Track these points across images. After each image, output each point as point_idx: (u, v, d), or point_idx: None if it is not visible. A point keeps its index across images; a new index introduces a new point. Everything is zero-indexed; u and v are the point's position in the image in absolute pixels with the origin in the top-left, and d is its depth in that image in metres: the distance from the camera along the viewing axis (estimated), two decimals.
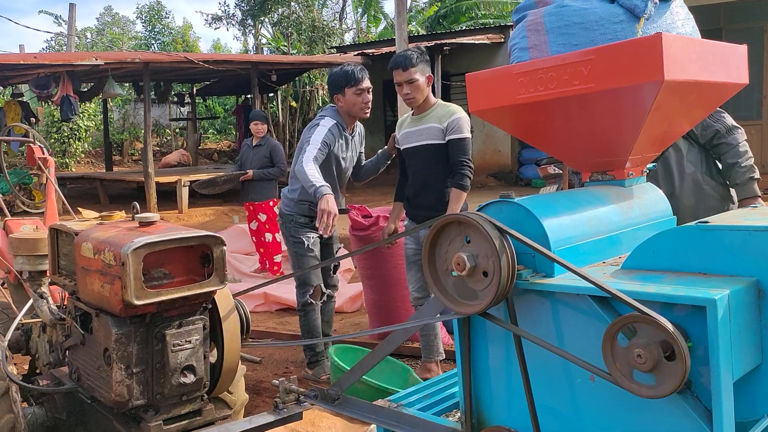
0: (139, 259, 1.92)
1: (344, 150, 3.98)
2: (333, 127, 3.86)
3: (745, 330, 1.32)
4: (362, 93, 3.85)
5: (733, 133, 2.87)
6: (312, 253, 3.98)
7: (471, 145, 3.63)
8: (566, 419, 1.55)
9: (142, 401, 2.07)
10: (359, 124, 4.18)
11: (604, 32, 1.83)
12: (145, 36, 27.61)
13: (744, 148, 2.84)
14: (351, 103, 3.86)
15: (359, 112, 3.89)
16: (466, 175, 3.55)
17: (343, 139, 3.95)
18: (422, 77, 3.56)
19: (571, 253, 1.59)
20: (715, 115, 2.88)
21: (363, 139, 4.23)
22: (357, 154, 4.17)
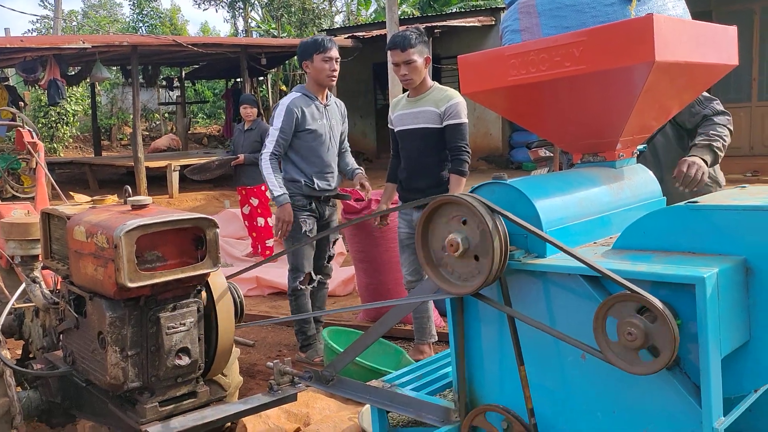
0: (132, 241, 1.92)
1: (317, 118, 3.93)
2: (293, 102, 3.88)
3: (733, 308, 1.35)
4: (330, 61, 3.87)
5: (720, 116, 2.87)
6: (307, 236, 3.96)
7: (467, 131, 3.63)
8: (558, 397, 1.57)
9: (137, 384, 2.08)
10: (338, 100, 4.18)
11: (596, 14, 1.83)
12: (132, 19, 27.30)
13: (722, 129, 2.80)
14: (318, 69, 3.87)
15: (326, 79, 3.90)
16: (465, 161, 3.56)
17: (314, 107, 3.93)
18: (420, 58, 3.55)
19: (562, 233, 1.61)
20: (705, 102, 2.87)
21: (344, 115, 4.17)
22: (339, 124, 4.11)
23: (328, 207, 4.09)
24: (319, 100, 3.97)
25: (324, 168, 3.98)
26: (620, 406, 1.45)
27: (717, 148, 2.75)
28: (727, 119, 2.84)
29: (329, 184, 4.02)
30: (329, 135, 4.00)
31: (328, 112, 4.01)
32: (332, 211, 4.15)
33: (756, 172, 9.63)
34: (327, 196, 4.04)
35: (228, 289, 2.32)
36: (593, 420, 1.51)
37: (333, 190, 4.06)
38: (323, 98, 4.01)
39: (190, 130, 20.66)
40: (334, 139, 4.05)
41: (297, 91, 4.00)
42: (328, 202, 4.08)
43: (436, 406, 1.81)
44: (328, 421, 2.79)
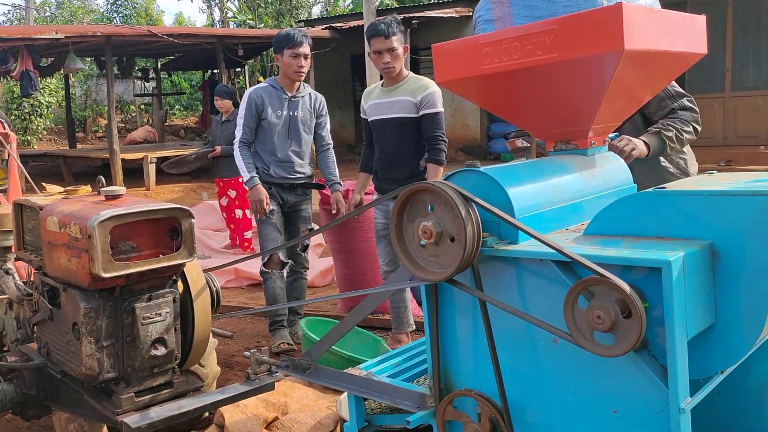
0: (106, 231, 1.91)
1: (278, 108, 3.97)
2: (254, 91, 4.00)
3: (699, 291, 1.38)
4: (298, 57, 3.92)
5: (687, 111, 2.90)
6: (271, 220, 4.00)
7: (444, 120, 3.65)
8: (530, 381, 1.60)
9: (113, 374, 2.07)
10: (316, 94, 4.18)
11: (567, 4, 1.85)
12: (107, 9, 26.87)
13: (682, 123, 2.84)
14: (287, 64, 3.94)
15: (293, 74, 3.96)
16: (442, 150, 3.59)
17: (276, 98, 3.98)
18: (400, 46, 3.56)
19: (535, 220, 1.63)
20: (676, 97, 2.91)
21: (318, 109, 4.16)
22: (310, 116, 4.11)
23: (295, 195, 4.10)
24: (285, 91, 4.00)
25: (283, 157, 4.00)
26: (590, 388, 1.48)
27: (666, 137, 2.79)
28: (692, 116, 2.87)
29: (289, 173, 4.02)
30: (289, 126, 4.02)
31: (293, 104, 4.03)
32: (301, 199, 4.14)
33: (729, 162, 9.78)
34: (291, 184, 4.05)
35: (204, 280, 2.32)
36: (564, 403, 1.54)
37: (295, 179, 4.05)
38: (292, 90, 4.03)
39: (166, 122, 20.42)
40: (297, 130, 4.04)
41: (266, 82, 4.10)
42: (295, 190, 4.09)
43: (411, 392, 1.83)
44: (306, 410, 2.80)
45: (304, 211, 4.18)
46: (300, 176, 4.08)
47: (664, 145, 2.81)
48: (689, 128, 2.86)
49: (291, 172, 4.04)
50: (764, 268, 1.34)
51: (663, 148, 2.81)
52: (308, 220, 4.20)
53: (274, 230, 4.00)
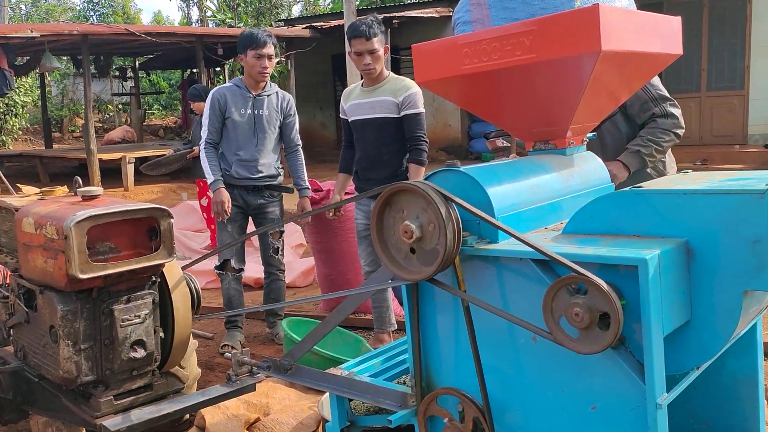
0: (82, 232, 1.89)
1: (242, 108, 3.93)
2: (218, 91, 3.99)
3: (675, 288, 1.40)
4: (262, 58, 3.88)
5: (668, 118, 2.94)
6: (227, 228, 3.98)
7: (425, 120, 3.65)
8: (511, 379, 1.61)
9: (91, 377, 2.05)
10: (284, 94, 4.12)
11: (544, 6, 1.87)
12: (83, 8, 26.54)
13: (662, 135, 2.89)
14: (250, 65, 3.91)
15: (257, 75, 3.92)
16: (423, 150, 3.58)
17: (240, 97, 3.95)
18: (381, 47, 3.56)
19: (514, 219, 1.64)
20: (659, 100, 2.94)
21: (285, 109, 4.09)
22: (276, 115, 4.04)
23: (260, 197, 4.02)
24: (250, 91, 3.97)
25: (246, 157, 3.95)
26: (569, 385, 1.50)
27: (646, 155, 2.86)
28: (672, 123, 2.91)
29: (251, 174, 3.96)
30: (254, 125, 3.97)
31: (257, 103, 3.98)
32: (267, 201, 4.06)
33: (705, 161, 9.93)
34: (255, 186, 3.99)
35: (184, 280, 2.30)
36: (544, 400, 1.55)
37: (258, 180, 3.99)
38: (257, 89, 3.99)
39: (145, 121, 20.22)
40: (262, 129, 3.98)
41: (230, 82, 4.07)
42: (260, 192, 4.02)
43: (393, 392, 1.83)
44: (288, 410, 2.79)
45: (271, 213, 4.08)
46: (264, 177, 4.00)
47: (644, 163, 2.88)
48: (669, 137, 2.90)
49: (254, 172, 3.96)
50: (738, 265, 1.36)
51: (643, 165, 2.88)
52: (278, 224, 4.12)
53: (229, 237, 3.98)
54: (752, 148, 10.47)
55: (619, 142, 3.01)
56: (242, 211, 4.03)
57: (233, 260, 4.03)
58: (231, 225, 3.98)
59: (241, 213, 4.04)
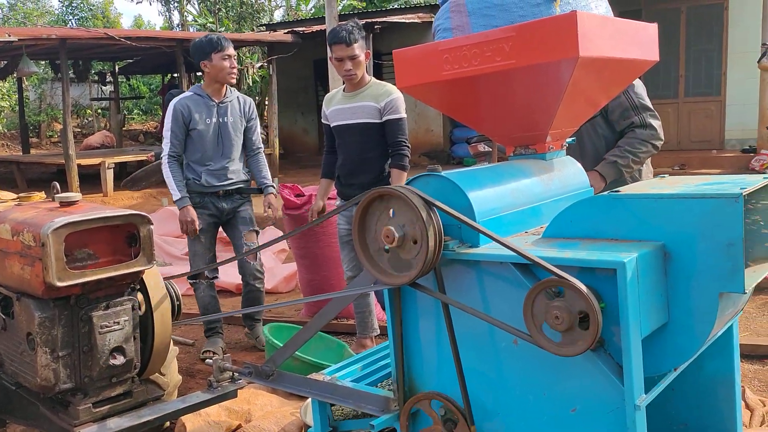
0: (60, 239, 1.87)
1: (205, 116, 3.90)
2: (179, 101, 3.92)
3: (653, 290, 1.42)
4: (229, 59, 3.86)
5: (645, 129, 2.98)
6: (200, 239, 3.95)
7: (407, 125, 3.65)
8: (493, 382, 1.62)
9: (70, 385, 2.03)
10: (244, 98, 4.09)
11: (523, 14, 1.89)
12: (62, 12, 26.27)
13: (639, 145, 2.93)
14: (218, 68, 3.86)
15: (226, 77, 3.89)
16: (405, 155, 3.59)
17: (203, 105, 3.91)
18: (362, 53, 3.56)
19: (495, 223, 1.65)
20: (640, 109, 2.98)
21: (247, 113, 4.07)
22: (240, 121, 4.02)
23: (231, 201, 3.99)
24: (212, 98, 3.93)
25: (214, 165, 3.92)
26: (550, 387, 1.51)
27: (623, 165, 2.91)
28: (651, 134, 2.95)
29: (221, 181, 3.93)
30: (219, 132, 3.94)
31: (221, 110, 3.95)
32: (238, 203, 4.03)
33: (683, 165, 10.05)
34: (226, 191, 3.96)
35: (164, 287, 2.28)
36: (525, 402, 1.56)
37: (229, 185, 3.95)
38: (219, 96, 3.95)
39: (125, 126, 20.04)
40: (228, 136, 3.96)
41: (190, 91, 4.03)
42: (231, 196, 3.99)
43: (375, 396, 1.83)
44: (270, 417, 2.78)
45: (243, 212, 4.04)
46: (234, 182, 3.98)
47: (621, 173, 2.93)
48: (646, 147, 2.95)
49: (224, 179, 3.94)
50: (713, 268, 1.38)
51: (620, 175, 2.93)
52: (249, 221, 4.05)
53: (202, 248, 3.97)
54: (729, 153, 10.63)
55: (597, 145, 3.04)
56: (215, 218, 3.99)
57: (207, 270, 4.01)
58: (203, 235, 3.96)
59: (214, 221, 4.00)
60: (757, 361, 3.66)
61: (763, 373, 3.52)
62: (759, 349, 3.73)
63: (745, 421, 2.85)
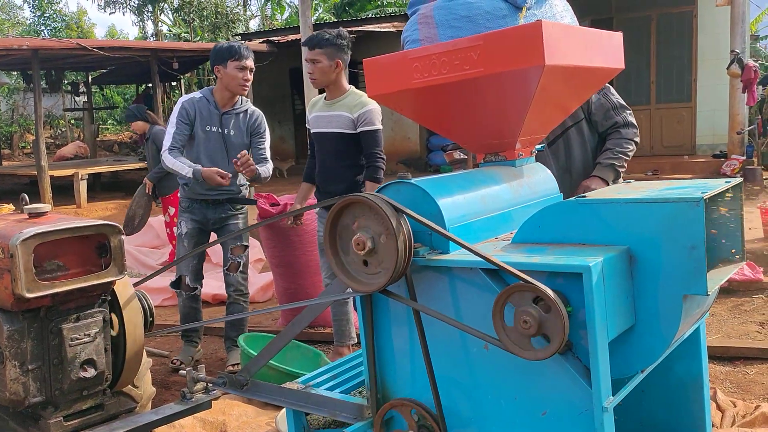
0: (29, 250, 1.85)
1: (208, 123, 3.81)
2: (189, 100, 3.83)
3: (619, 294, 1.44)
4: (244, 70, 3.78)
5: (628, 128, 3.05)
6: (184, 242, 3.91)
7: (382, 137, 3.63)
8: (465, 388, 1.63)
9: (40, 398, 2.00)
10: (255, 111, 3.97)
11: (490, 26, 1.92)
12: (34, 22, 25.95)
13: (627, 144, 3.00)
14: (231, 76, 3.77)
15: (237, 87, 3.80)
16: (379, 167, 3.58)
17: (208, 112, 3.81)
18: (327, 60, 3.55)
19: (465, 230, 1.67)
20: (620, 109, 3.04)
21: (257, 124, 3.94)
22: (243, 135, 3.90)
23: (220, 211, 3.91)
24: (219, 106, 3.84)
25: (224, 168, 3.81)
26: (521, 392, 1.53)
27: (619, 167, 2.97)
28: (634, 132, 3.03)
29: (210, 191, 3.83)
30: (219, 143, 3.83)
31: (226, 121, 3.85)
32: (227, 215, 3.93)
33: (656, 171, 10.21)
34: (216, 200, 3.89)
35: (136, 297, 2.26)
36: (497, 407, 1.57)
37: (219, 195, 3.86)
38: (228, 106, 3.86)
39: (98, 137, 19.82)
40: (227, 148, 3.84)
41: (200, 93, 3.92)
42: (221, 205, 3.91)
43: (349, 404, 1.84)
44: (246, 427, 2.76)
45: (232, 226, 3.94)
46: (225, 192, 3.88)
47: (618, 174, 2.98)
48: (632, 146, 3.03)
49: (211, 188, 3.81)
50: (677, 270, 1.41)
51: (617, 176, 2.98)
52: (239, 237, 3.98)
53: (184, 251, 3.91)
54: (701, 158, 10.83)
55: (584, 148, 3.10)
56: (200, 225, 3.93)
57: (188, 278, 3.94)
58: (188, 240, 3.90)
59: (199, 228, 3.94)
60: (728, 362, 3.73)
61: (734, 374, 3.58)
62: (730, 351, 3.80)
63: (717, 422, 2.90)
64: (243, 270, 4.01)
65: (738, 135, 9.62)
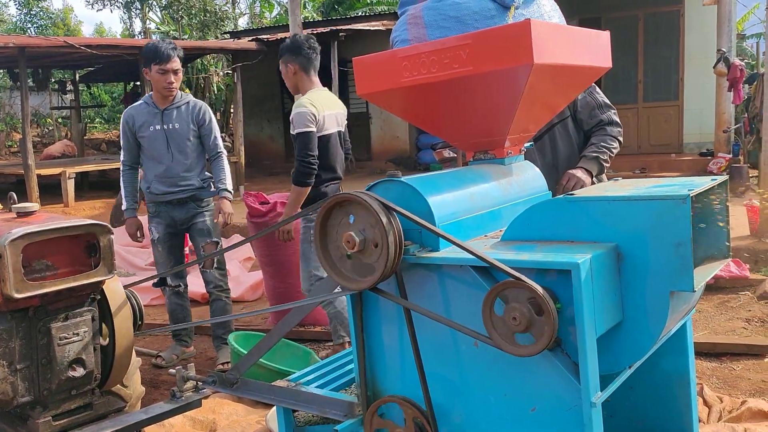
0: (17, 250, 1.84)
1: (150, 124, 3.85)
2: (127, 111, 3.97)
3: (607, 290, 1.46)
4: (166, 73, 3.76)
5: (613, 126, 3.08)
6: (157, 248, 3.95)
7: (311, 139, 3.50)
8: (455, 384, 1.64)
9: (28, 398, 1.99)
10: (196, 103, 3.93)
11: (478, 27, 1.93)
12: (20, 20, 25.73)
13: (611, 141, 3.03)
14: (155, 80, 3.81)
15: (163, 90, 3.81)
16: (298, 170, 3.50)
17: (148, 113, 3.88)
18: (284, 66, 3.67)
19: (455, 227, 1.68)
20: (605, 107, 3.07)
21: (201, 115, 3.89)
22: (189, 125, 3.87)
23: (185, 210, 3.89)
24: (157, 106, 3.87)
25: (164, 172, 3.85)
26: (510, 388, 1.54)
27: (603, 161, 3.00)
28: (618, 131, 3.07)
29: (170, 188, 3.85)
30: (162, 139, 3.85)
31: (167, 117, 3.86)
32: (193, 213, 3.91)
33: (643, 169, 10.28)
34: (179, 199, 3.87)
35: (125, 297, 2.26)
36: (486, 404, 1.58)
37: (179, 193, 3.86)
38: (164, 103, 3.87)
39: (86, 135, 19.68)
40: (176, 143, 3.85)
41: (141, 99, 4.00)
42: (185, 204, 3.89)
43: (339, 401, 1.84)
44: (236, 426, 2.76)
45: (199, 224, 3.92)
46: (185, 190, 3.87)
47: (602, 168, 3.01)
48: (616, 143, 3.07)
49: (173, 186, 3.84)
50: (663, 267, 1.43)
51: (601, 170, 3.02)
52: (207, 232, 3.90)
53: (160, 256, 3.96)
54: (688, 156, 10.91)
55: (569, 144, 3.12)
56: (170, 228, 3.93)
57: (169, 278, 3.98)
58: (161, 246, 3.95)
59: (170, 232, 3.94)
60: (715, 359, 3.76)
61: (720, 370, 3.62)
62: (717, 348, 3.84)
63: (704, 417, 2.93)
64: (219, 266, 4.01)
65: (724, 133, 9.71)
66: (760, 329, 4.20)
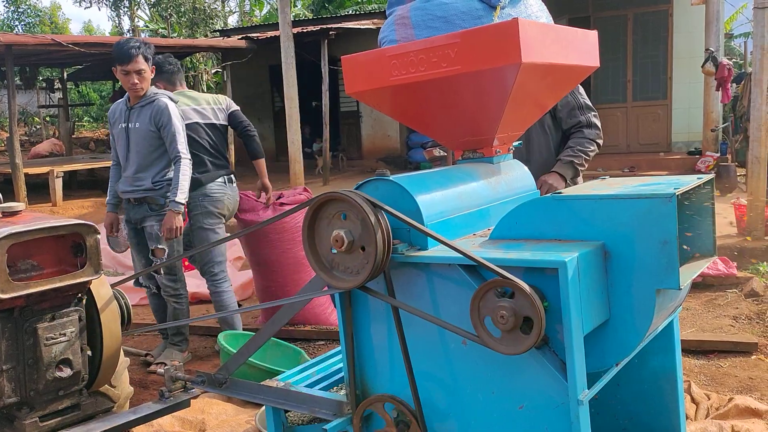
0: (2, 250, 1.82)
1: (117, 121, 3.91)
2: (110, 110, 4.06)
3: (594, 288, 1.46)
4: (128, 74, 3.70)
5: (591, 128, 3.09)
6: (131, 245, 4.02)
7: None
8: (443, 383, 1.64)
9: (15, 399, 1.98)
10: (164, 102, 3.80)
11: (466, 27, 1.93)
12: (7, 17, 25.51)
13: (588, 144, 3.05)
14: (121, 80, 3.80)
15: (129, 90, 3.80)
16: None
17: (119, 110, 3.92)
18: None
19: (443, 226, 1.68)
20: (585, 109, 3.08)
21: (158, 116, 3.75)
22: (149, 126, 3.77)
23: (139, 211, 3.84)
24: (128, 104, 3.87)
25: (126, 171, 3.85)
26: (499, 386, 1.54)
27: (578, 164, 3.02)
28: (596, 133, 3.07)
29: (127, 187, 3.82)
30: (124, 137, 3.83)
31: (132, 116, 3.82)
32: (144, 215, 3.82)
33: (632, 168, 10.33)
34: (136, 199, 3.83)
35: (113, 297, 2.24)
36: (475, 402, 1.59)
37: (137, 193, 3.80)
38: (134, 102, 3.82)
39: (74, 134, 19.54)
40: (136, 142, 3.80)
41: (125, 96, 3.98)
42: (140, 205, 3.83)
43: (329, 401, 1.84)
44: (225, 425, 2.75)
45: (148, 227, 3.83)
46: (141, 190, 3.81)
47: (577, 172, 3.03)
48: (593, 147, 3.07)
49: (129, 185, 3.81)
50: (650, 265, 1.43)
51: (576, 174, 3.03)
52: (155, 237, 3.78)
53: (133, 254, 4.05)
54: (676, 155, 10.98)
55: (544, 140, 3.13)
56: (133, 226, 3.93)
57: (141, 278, 4.03)
58: (131, 244, 3.99)
59: (134, 229, 3.94)
60: (702, 356, 3.79)
61: (708, 367, 3.64)
62: (704, 345, 3.86)
63: (691, 414, 2.95)
64: (168, 272, 3.93)
65: (712, 132, 9.77)
66: (747, 327, 4.23)
